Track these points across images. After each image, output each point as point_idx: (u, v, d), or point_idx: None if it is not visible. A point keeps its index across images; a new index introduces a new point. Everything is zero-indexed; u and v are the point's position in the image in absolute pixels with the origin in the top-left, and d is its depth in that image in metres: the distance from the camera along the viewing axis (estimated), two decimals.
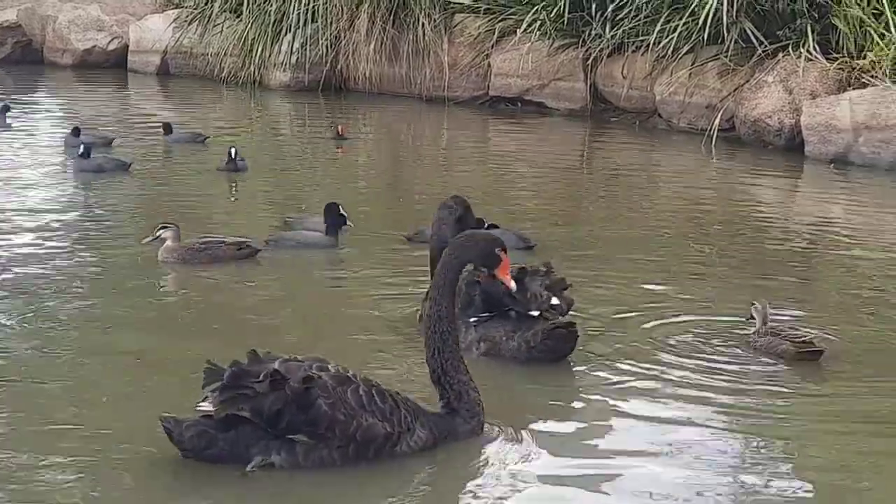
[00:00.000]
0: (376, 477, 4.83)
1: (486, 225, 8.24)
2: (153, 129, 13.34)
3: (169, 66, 18.39)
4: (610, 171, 12.60)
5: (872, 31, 12.61)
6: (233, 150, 11.02)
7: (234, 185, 10.89)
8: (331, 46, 16.27)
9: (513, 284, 5.60)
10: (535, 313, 6.30)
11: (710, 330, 6.82)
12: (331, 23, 16.15)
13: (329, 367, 4.92)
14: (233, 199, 10.66)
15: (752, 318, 6.54)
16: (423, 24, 15.68)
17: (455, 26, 15.83)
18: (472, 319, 6.39)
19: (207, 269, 7.85)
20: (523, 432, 5.31)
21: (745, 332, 6.60)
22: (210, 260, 7.95)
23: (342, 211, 8.52)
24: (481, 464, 5.03)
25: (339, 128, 13.01)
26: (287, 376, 4.77)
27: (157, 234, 7.96)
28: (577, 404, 5.87)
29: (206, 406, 4.78)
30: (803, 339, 6.36)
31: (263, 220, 9.42)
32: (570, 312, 6.54)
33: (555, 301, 6.35)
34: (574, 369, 6.25)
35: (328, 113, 15.61)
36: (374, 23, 15.87)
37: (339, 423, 4.79)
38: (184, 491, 4.74)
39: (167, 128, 12.69)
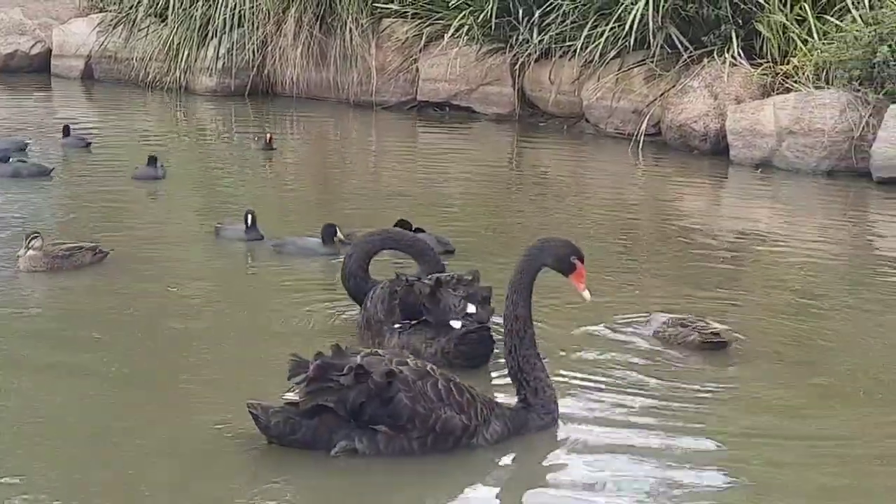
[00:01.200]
0: (453, 465, 5.14)
1: (413, 228, 8.26)
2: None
3: (93, 70, 18.12)
4: (538, 176, 12.63)
5: (796, 37, 12.74)
6: (155, 158, 10.85)
7: (156, 192, 10.73)
8: (257, 51, 16.14)
9: (587, 294, 5.74)
10: (457, 324, 6.39)
11: (635, 329, 6.92)
12: (257, 27, 16.02)
13: (409, 361, 5.23)
14: (156, 206, 10.52)
15: (648, 322, 6.85)
16: (350, 29, 15.60)
17: (382, 31, 15.77)
18: (396, 326, 6.52)
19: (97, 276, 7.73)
20: None
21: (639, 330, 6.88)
22: (74, 266, 7.89)
23: (339, 234, 8.51)
24: (554, 458, 5.32)
25: (269, 136, 12.78)
26: (370, 370, 5.06)
27: (30, 243, 7.82)
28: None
29: (293, 396, 5.09)
30: (711, 330, 6.65)
31: (191, 227, 9.34)
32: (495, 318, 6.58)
33: (471, 309, 6.44)
34: (492, 374, 6.34)
35: (255, 118, 15.48)
36: (301, 27, 15.76)
37: (419, 416, 5.09)
38: (269, 475, 5.06)
39: (66, 130, 12.45)
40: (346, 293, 7.07)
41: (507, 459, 5.30)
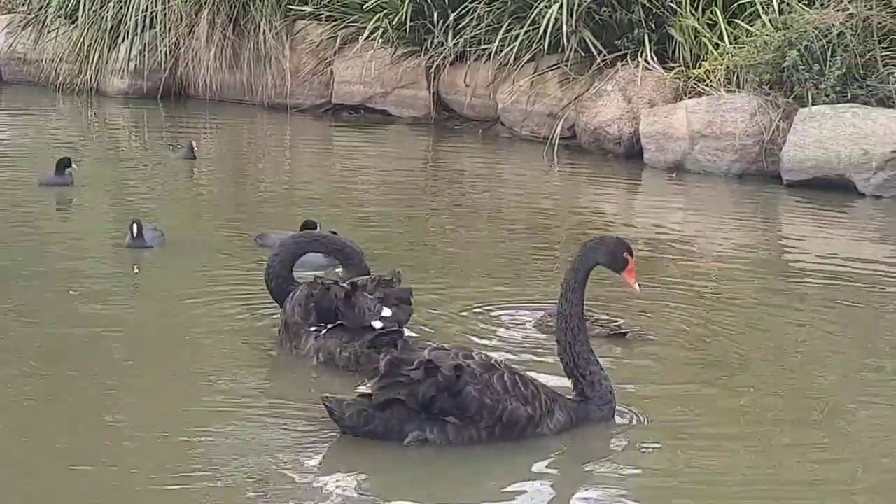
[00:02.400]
0: (520, 453, 5.40)
1: (317, 227, 8.29)
2: None
3: (2, 72, 17.81)
4: (454, 179, 12.64)
5: (707, 41, 12.88)
6: (65, 164, 10.64)
7: (64, 199, 10.53)
8: (170, 53, 15.95)
9: (637, 287, 6.00)
10: (378, 324, 6.42)
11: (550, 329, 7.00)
12: (170, 29, 15.83)
13: (473, 354, 5.49)
14: (63, 213, 10.33)
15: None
16: (263, 31, 15.49)
17: (297, 33, 15.68)
18: (312, 329, 6.55)
19: None
20: None
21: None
22: None
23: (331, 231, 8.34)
24: (612, 447, 5.63)
25: (193, 143, 12.39)
26: (438, 364, 5.31)
27: None
28: None
29: (365, 389, 5.36)
30: (613, 322, 7.05)
31: (98, 235, 9.21)
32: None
33: (386, 312, 6.47)
34: None
35: (168, 121, 15.32)
36: (213, 29, 15.61)
37: (486, 407, 5.36)
38: (342, 464, 5.32)
39: None
40: (269, 294, 7.04)
41: (569, 447, 5.57)
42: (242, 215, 10.23)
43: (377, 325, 6.39)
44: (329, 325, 6.49)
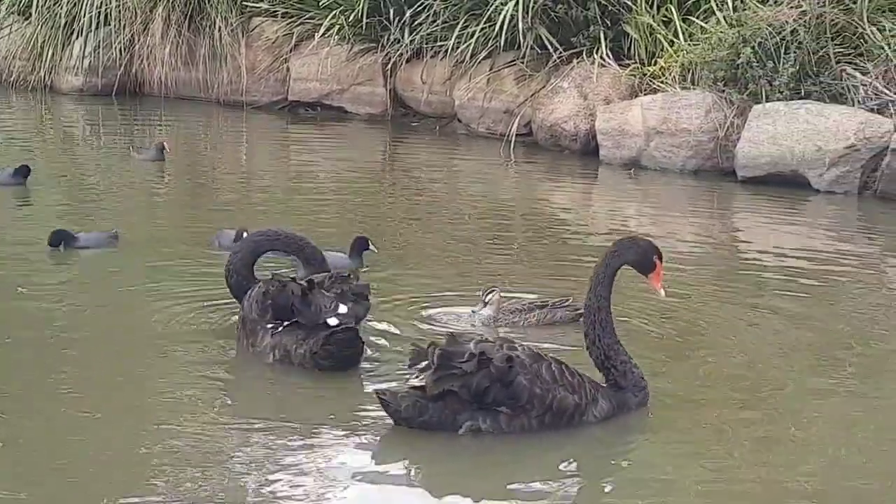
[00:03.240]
0: (568, 440, 5.60)
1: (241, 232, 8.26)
2: None
3: None
4: (411, 176, 12.64)
5: (662, 38, 12.95)
6: (25, 168, 10.53)
7: (18, 197, 10.44)
8: (125, 50, 15.86)
9: (663, 292, 6.16)
10: (334, 321, 6.39)
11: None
12: (124, 26, 15.74)
13: (517, 346, 5.64)
14: (15, 212, 10.23)
15: (485, 303, 7.21)
16: (219, 28, 15.43)
17: (252, 30, 15.63)
18: (269, 326, 6.52)
19: None
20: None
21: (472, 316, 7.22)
22: None
23: (370, 245, 8.32)
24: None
25: (165, 143, 12.12)
26: (490, 356, 5.48)
27: None
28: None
29: (418, 382, 5.52)
30: (566, 301, 7.26)
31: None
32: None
33: (343, 309, 6.45)
34: (362, 376, 6.40)
35: (123, 119, 15.23)
36: (169, 26, 15.53)
37: (536, 397, 5.54)
38: (401, 452, 5.48)
39: None
40: (229, 291, 7.01)
41: (612, 434, 5.75)
42: (195, 216, 10.16)
43: (332, 322, 6.38)
44: (285, 323, 6.47)
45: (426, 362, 5.56)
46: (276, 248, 7.37)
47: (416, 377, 5.57)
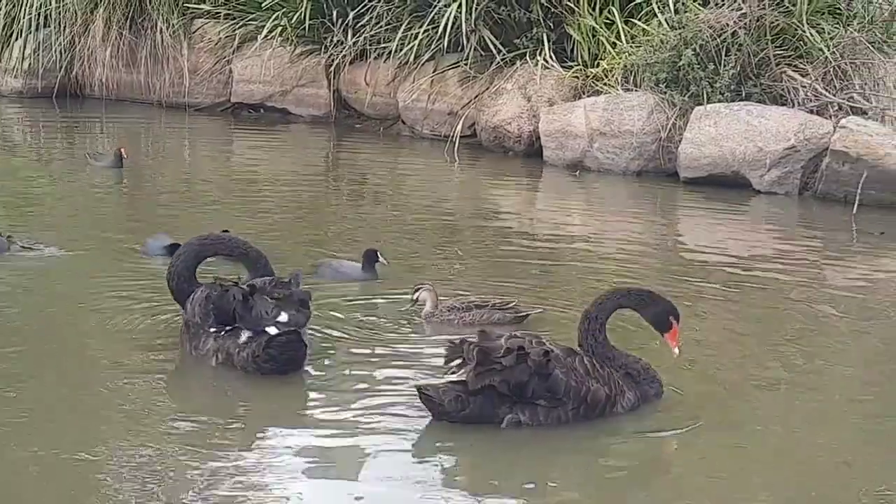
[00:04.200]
0: (600, 430, 5.81)
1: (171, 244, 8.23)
2: None
3: None
4: (355, 178, 12.62)
5: (605, 41, 13.02)
6: None
7: None
8: (65, 52, 15.71)
9: (676, 351, 6.20)
10: (273, 330, 6.38)
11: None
12: (64, 27, 15.60)
13: (544, 340, 5.84)
14: None
15: (419, 301, 7.29)
16: (161, 30, 15.33)
17: (194, 32, 15.53)
18: (212, 330, 6.51)
19: None
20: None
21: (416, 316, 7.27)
22: None
23: (380, 257, 8.24)
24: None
25: (122, 150, 11.87)
26: (528, 351, 5.66)
27: None
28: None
29: (457, 377, 5.70)
30: (509, 304, 7.32)
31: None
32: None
33: (284, 317, 6.43)
34: (308, 378, 6.40)
35: (64, 121, 15.07)
36: (109, 28, 15.41)
37: (572, 389, 5.75)
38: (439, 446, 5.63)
39: None
40: (171, 295, 6.96)
41: (641, 424, 5.92)
42: (136, 222, 10.07)
43: (272, 331, 6.35)
44: (227, 327, 6.44)
45: (460, 359, 5.75)
46: (220, 252, 7.32)
47: (453, 372, 5.76)
